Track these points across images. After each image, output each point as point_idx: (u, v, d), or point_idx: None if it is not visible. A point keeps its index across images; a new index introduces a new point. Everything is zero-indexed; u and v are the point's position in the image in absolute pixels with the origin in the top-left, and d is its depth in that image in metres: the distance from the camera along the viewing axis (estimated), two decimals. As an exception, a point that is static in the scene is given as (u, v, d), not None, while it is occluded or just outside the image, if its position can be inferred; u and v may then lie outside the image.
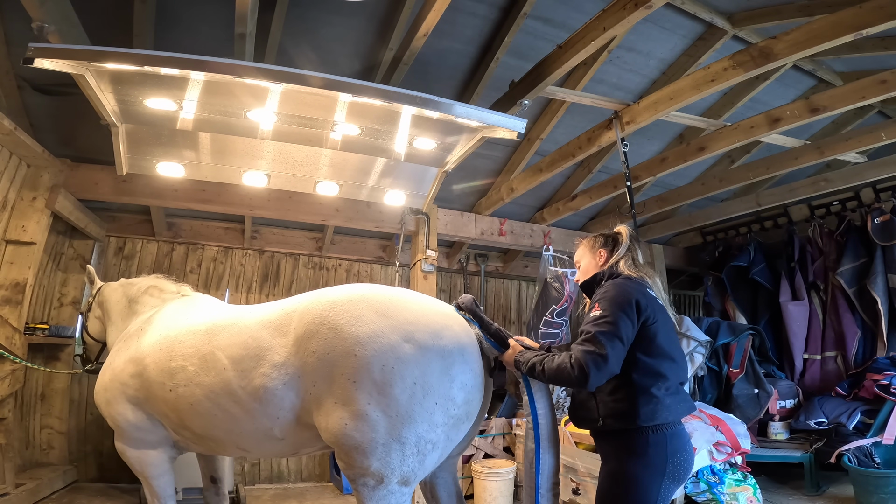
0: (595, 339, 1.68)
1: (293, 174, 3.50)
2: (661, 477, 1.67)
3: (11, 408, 3.41)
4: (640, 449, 1.69)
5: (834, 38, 2.59)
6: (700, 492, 3.52)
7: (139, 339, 2.40)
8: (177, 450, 2.41)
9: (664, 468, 1.67)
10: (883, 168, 4.17)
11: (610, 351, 1.65)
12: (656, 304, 1.82)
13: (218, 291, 5.01)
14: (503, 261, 6.30)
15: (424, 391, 1.80)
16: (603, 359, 1.64)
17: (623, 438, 1.74)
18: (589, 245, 2.09)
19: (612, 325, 1.69)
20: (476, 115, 2.74)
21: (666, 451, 1.68)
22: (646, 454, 1.68)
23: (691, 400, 1.88)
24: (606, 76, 3.90)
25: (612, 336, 1.68)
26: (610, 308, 1.74)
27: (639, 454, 1.69)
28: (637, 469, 1.69)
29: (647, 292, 1.84)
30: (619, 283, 1.85)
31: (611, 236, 2.06)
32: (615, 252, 2.00)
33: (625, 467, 1.72)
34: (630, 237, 2.02)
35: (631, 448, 1.71)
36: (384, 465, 1.78)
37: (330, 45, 3.44)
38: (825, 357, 4.87)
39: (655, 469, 1.67)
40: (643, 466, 1.68)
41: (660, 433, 1.69)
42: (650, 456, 1.67)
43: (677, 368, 1.79)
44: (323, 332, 1.87)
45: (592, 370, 1.63)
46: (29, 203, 3.54)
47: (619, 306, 1.73)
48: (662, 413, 1.69)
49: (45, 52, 2.20)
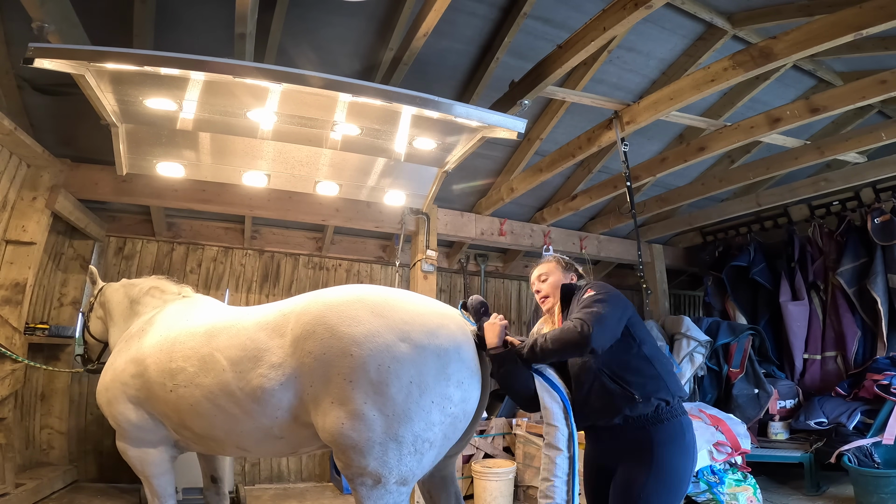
0: (592, 305, 1.79)
1: (293, 174, 3.50)
2: (693, 463, 1.69)
3: (11, 408, 3.41)
4: (675, 436, 1.66)
5: (834, 38, 2.59)
6: (700, 492, 3.52)
7: (140, 339, 2.41)
8: (177, 449, 2.42)
9: (694, 454, 1.70)
10: (883, 168, 4.17)
11: (609, 311, 1.76)
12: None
13: (218, 291, 5.01)
14: (503, 261, 6.30)
15: (421, 390, 1.80)
16: (606, 319, 1.74)
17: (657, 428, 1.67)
18: (561, 266, 2.22)
19: (606, 301, 1.81)
20: (476, 115, 2.74)
21: (693, 437, 1.73)
22: (683, 439, 1.66)
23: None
24: (606, 76, 3.90)
25: (610, 304, 1.80)
26: (604, 291, 1.87)
27: (673, 441, 1.65)
28: (674, 458, 1.64)
29: None
30: (601, 281, 2.01)
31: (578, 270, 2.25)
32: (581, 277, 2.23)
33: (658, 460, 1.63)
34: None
35: (663, 437, 1.65)
36: (381, 464, 1.78)
37: (330, 45, 3.44)
38: (825, 357, 4.87)
39: (690, 456, 1.67)
40: (680, 454, 1.65)
41: (685, 419, 1.73)
42: (688, 444, 1.67)
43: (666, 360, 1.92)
44: (319, 332, 1.88)
45: (597, 329, 1.70)
46: (29, 203, 3.54)
47: (611, 291, 1.89)
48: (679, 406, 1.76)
49: (45, 52, 2.20)
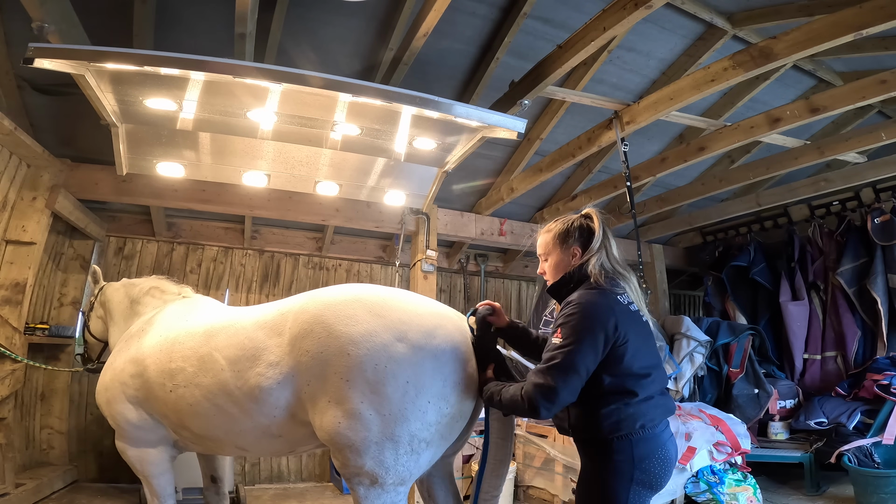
0: (548, 371, 1.61)
1: (293, 174, 3.50)
2: (629, 483, 1.63)
3: (11, 408, 3.41)
4: (605, 456, 1.67)
5: (834, 38, 2.59)
6: (700, 492, 3.52)
7: (140, 339, 2.41)
8: (177, 449, 2.42)
9: (631, 474, 1.63)
10: (883, 168, 4.17)
11: (561, 385, 1.59)
12: (628, 317, 1.68)
13: (218, 291, 5.01)
14: (503, 261, 6.30)
15: (417, 390, 1.80)
16: (553, 392, 1.59)
17: (590, 445, 1.73)
18: (559, 237, 1.84)
19: (570, 358, 1.59)
20: (476, 115, 2.74)
21: (632, 457, 1.63)
22: (612, 461, 1.65)
23: (670, 402, 1.80)
24: (606, 76, 3.90)
25: (566, 369, 1.59)
26: (573, 337, 1.60)
27: (605, 461, 1.67)
28: (604, 475, 1.67)
29: (619, 306, 1.68)
30: (589, 301, 1.67)
31: (584, 227, 1.83)
32: (589, 247, 1.78)
33: (594, 472, 1.71)
34: (602, 224, 1.81)
35: (597, 455, 1.70)
36: (378, 463, 1.78)
37: (330, 45, 3.44)
38: (825, 357, 4.87)
39: (622, 476, 1.64)
40: (609, 473, 1.66)
41: (625, 440, 1.64)
42: (615, 463, 1.65)
43: (648, 382, 1.69)
44: (317, 331, 1.88)
45: (542, 403, 1.60)
46: (29, 203, 3.54)
47: (583, 337, 1.60)
48: (626, 423, 1.65)
49: (45, 52, 2.20)
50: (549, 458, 3.88)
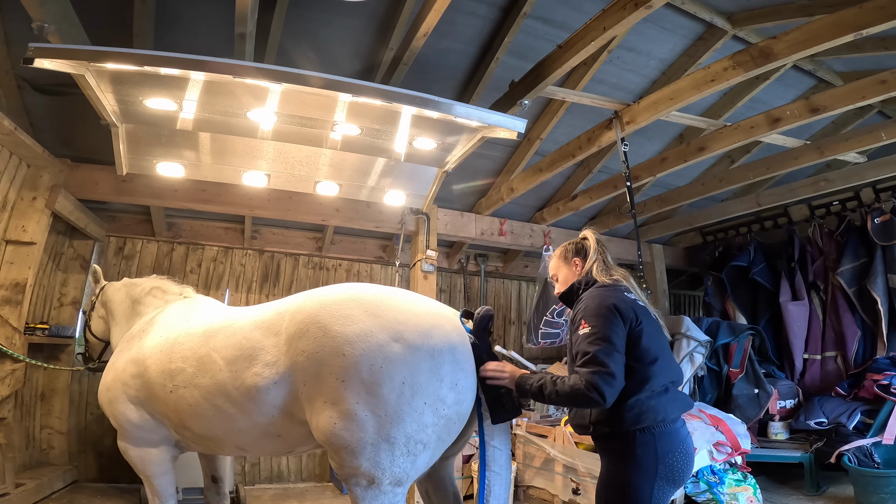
0: (596, 358, 1.68)
1: (293, 174, 3.50)
2: (653, 478, 1.67)
3: (11, 408, 3.41)
4: (628, 451, 1.71)
5: (834, 38, 2.59)
6: (700, 492, 3.52)
7: (141, 340, 2.42)
8: (178, 449, 2.42)
9: (655, 469, 1.67)
10: (883, 168, 4.17)
11: (614, 366, 1.66)
12: (637, 307, 1.82)
13: (218, 291, 5.01)
14: (503, 261, 6.30)
15: (413, 391, 1.79)
16: (611, 376, 1.65)
17: (613, 441, 1.76)
18: (562, 257, 2.10)
19: (605, 340, 1.70)
20: (476, 115, 2.74)
21: (655, 452, 1.68)
22: (634, 456, 1.69)
23: (687, 398, 1.87)
24: (606, 76, 3.90)
25: (610, 351, 1.68)
26: (596, 321, 1.74)
27: (628, 457, 1.71)
28: (628, 471, 1.70)
29: (625, 297, 1.84)
30: (596, 293, 1.86)
31: (579, 244, 2.10)
32: (587, 259, 2.03)
33: (617, 470, 1.74)
34: (596, 241, 2.06)
35: (621, 451, 1.73)
36: (373, 465, 1.77)
37: (330, 45, 3.44)
38: (825, 357, 4.87)
39: (646, 471, 1.67)
40: (633, 469, 1.69)
41: (647, 433, 1.69)
42: (638, 458, 1.68)
43: (664, 369, 1.78)
44: (313, 331, 1.87)
45: (606, 389, 1.64)
46: (29, 203, 3.54)
47: (603, 317, 1.74)
48: (648, 415, 1.70)
49: (45, 52, 2.20)
50: (549, 458, 3.88)
